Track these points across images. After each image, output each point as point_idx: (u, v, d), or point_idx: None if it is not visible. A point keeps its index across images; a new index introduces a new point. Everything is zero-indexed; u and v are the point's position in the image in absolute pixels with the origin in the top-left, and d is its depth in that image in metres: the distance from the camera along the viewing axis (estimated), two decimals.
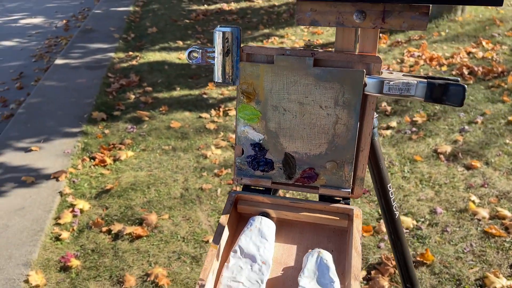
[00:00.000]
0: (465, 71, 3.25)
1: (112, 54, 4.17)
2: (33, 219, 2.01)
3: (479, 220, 1.91)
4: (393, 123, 2.70)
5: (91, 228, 1.99)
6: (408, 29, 0.61)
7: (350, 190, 0.73)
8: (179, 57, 4.11)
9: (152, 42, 4.55)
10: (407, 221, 1.91)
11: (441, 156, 2.36)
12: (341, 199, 0.74)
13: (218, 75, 0.68)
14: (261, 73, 0.68)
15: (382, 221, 1.92)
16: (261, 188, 0.77)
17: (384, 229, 1.87)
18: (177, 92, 3.36)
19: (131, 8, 5.83)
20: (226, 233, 0.68)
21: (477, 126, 2.61)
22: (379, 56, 0.64)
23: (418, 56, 3.65)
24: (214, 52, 0.67)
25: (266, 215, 0.73)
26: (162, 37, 4.69)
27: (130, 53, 4.23)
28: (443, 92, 0.61)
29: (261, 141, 0.73)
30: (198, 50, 0.67)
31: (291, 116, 0.70)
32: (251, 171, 0.76)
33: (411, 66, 3.51)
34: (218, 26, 0.66)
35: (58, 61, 3.95)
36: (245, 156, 0.75)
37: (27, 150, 2.61)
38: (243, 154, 0.75)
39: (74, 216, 2.07)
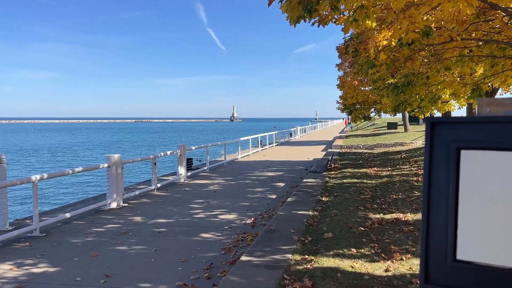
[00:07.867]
0: None
1: (289, 256, 4.50)
2: None
3: None
4: None
5: None
6: None
7: None
8: (352, 265, 4.18)
9: (327, 247, 4.79)
10: None
11: None
12: None
13: None
14: None
15: None
16: None
17: None
18: None
19: (310, 212, 6.39)
20: None
21: None
22: None
23: None
24: None
25: None
26: (336, 243, 4.91)
27: (306, 256, 4.50)
28: None
29: None
30: None
31: None
32: None
33: None
34: None
35: (243, 258, 4.44)
36: None
37: None
38: None
39: None
